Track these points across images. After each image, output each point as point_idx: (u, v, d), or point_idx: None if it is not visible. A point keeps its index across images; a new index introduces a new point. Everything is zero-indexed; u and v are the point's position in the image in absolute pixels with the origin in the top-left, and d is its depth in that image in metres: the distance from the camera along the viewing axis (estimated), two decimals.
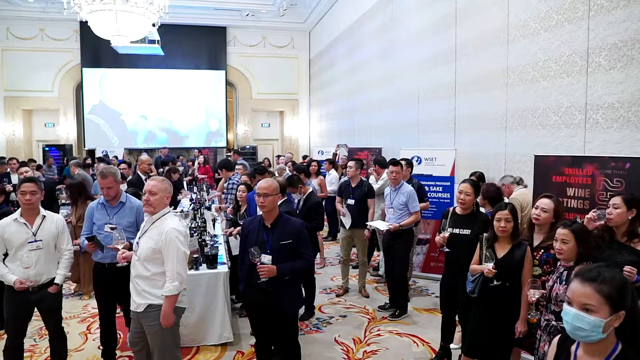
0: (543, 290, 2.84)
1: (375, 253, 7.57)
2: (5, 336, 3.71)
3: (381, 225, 5.56)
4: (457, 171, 6.62)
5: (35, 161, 11.10)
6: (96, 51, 14.44)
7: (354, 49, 11.47)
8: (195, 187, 9.83)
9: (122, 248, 3.44)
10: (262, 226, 3.45)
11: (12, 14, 14.05)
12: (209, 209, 7.50)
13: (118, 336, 4.53)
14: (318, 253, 6.34)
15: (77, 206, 5.79)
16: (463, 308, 3.80)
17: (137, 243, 3.31)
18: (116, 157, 11.98)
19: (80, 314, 5.54)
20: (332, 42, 13.43)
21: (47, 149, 13.98)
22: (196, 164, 12.40)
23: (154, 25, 9.77)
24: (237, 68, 16.16)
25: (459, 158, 6.60)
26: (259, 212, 4.83)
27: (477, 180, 4.53)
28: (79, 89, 15.12)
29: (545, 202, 3.28)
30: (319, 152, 12.20)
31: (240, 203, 5.55)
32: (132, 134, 15.57)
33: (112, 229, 3.79)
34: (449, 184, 6.62)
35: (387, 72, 9.36)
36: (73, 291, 6.25)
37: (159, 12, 8.95)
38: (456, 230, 3.85)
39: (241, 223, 5.12)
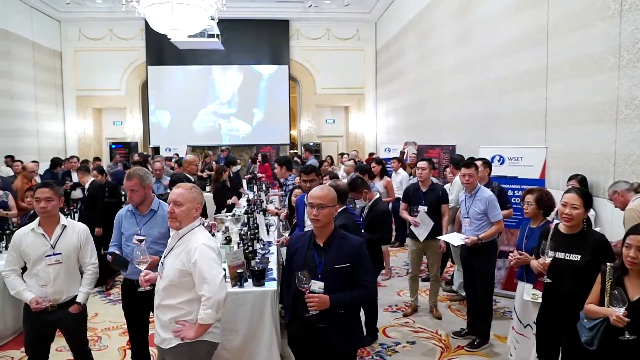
0: None
1: (448, 264, 6.70)
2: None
3: (455, 240, 4.74)
4: (549, 173, 5.63)
5: (100, 159, 11.16)
6: (160, 49, 14.47)
7: (425, 37, 10.54)
8: (254, 187, 9.37)
9: (145, 268, 2.90)
10: (312, 244, 2.77)
11: (83, 16, 14.41)
12: (264, 212, 6.96)
13: (154, 355, 4.07)
14: (382, 270, 5.56)
15: None
16: (570, 358, 2.92)
17: (162, 264, 2.75)
18: (177, 154, 11.84)
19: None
20: (400, 31, 12.54)
21: (113, 146, 14.21)
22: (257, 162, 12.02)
23: (213, 19, 9.44)
24: (300, 62, 15.64)
25: (550, 157, 5.59)
26: (308, 224, 4.22)
27: (586, 189, 3.60)
28: (145, 86, 15.26)
29: None
30: (385, 150, 11.44)
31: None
32: (195, 131, 15.46)
33: (139, 241, 3.27)
34: (532, 187, 5.63)
35: (462, 60, 8.39)
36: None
37: (216, 3, 8.55)
38: (560, 255, 2.97)
39: (285, 234, 4.51)
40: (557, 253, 2.97)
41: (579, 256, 2.89)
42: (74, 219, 6.43)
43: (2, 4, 11.78)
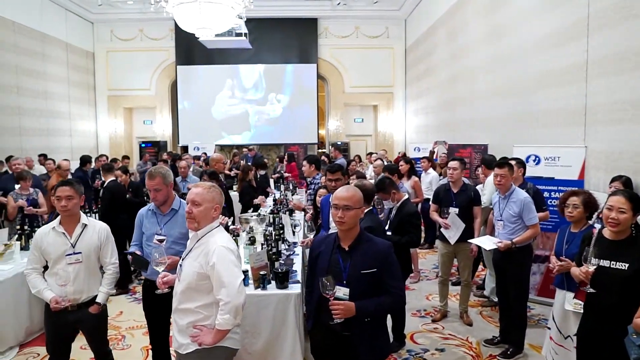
0: None
1: (480, 267, 6.46)
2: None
3: (487, 244, 4.52)
4: (588, 174, 5.34)
5: (128, 158, 11.26)
6: (189, 49, 14.58)
7: (456, 34, 10.25)
8: (281, 186, 9.28)
9: (165, 269, 2.81)
10: (336, 248, 2.63)
11: (114, 17, 14.63)
12: (290, 212, 6.85)
13: (174, 357, 4.00)
14: (411, 273, 5.38)
15: None
16: None
17: (181, 266, 2.66)
18: (205, 153, 11.88)
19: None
20: (431, 28, 12.26)
21: (143, 145, 14.38)
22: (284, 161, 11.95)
23: (240, 17, 9.40)
24: (328, 61, 15.47)
25: (590, 157, 5.30)
26: (333, 227, 4.07)
27: (633, 191, 3.35)
28: (174, 86, 15.39)
29: None
30: (415, 149, 11.20)
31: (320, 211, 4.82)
32: (223, 129, 15.52)
33: (160, 241, 3.20)
34: (576, 189, 5.35)
35: (496, 57, 8.10)
36: None
37: (243, 1, 8.49)
38: (605, 263, 2.74)
39: (310, 236, 4.37)
40: (602, 261, 2.75)
41: (627, 264, 2.66)
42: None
43: (39, 6, 12.07)
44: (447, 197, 5.03)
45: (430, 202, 5.34)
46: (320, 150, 16.73)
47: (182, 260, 2.67)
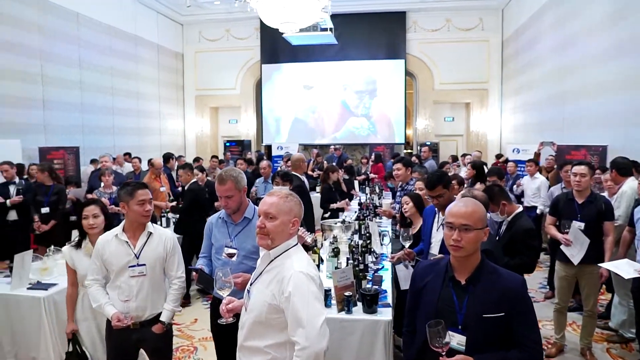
0: None
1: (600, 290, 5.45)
2: None
3: (625, 270, 3.63)
4: None
5: (217, 157, 11.22)
6: (274, 47, 14.41)
7: (566, 19, 9.07)
8: (367, 188, 8.69)
9: (229, 294, 2.32)
10: (449, 280, 2.00)
11: (203, 18, 14.86)
12: (376, 215, 6.27)
13: None
14: None
15: None
16: None
17: (248, 292, 2.16)
18: (288, 152, 11.59)
19: None
20: (533, 16, 11.05)
21: (227, 144, 14.45)
22: (370, 162, 11.33)
23: (325, 11, 8.98)
24: (417, 56, 14.57)
25: None
26: (435, 238, 3.43)
27: None
28: (259, 85, 15.33)
29: None
30: (514, 150, 10.11)
31: (410, 220, 4.19)
32: (307, 128, 15.19)
33: (230, 255, 2.73)
34: None
35: (619, 43, 6.93)
36: None
37: None
38: None
39: (402, 244, 3.73)
40: None
41: None
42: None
43: (133, 10, 12.52)
44: (569, 208, 4.15)
45: (547, 214, 4.48)
46: (406, 151, 15.90)
47: (250, 285, 2.16)
